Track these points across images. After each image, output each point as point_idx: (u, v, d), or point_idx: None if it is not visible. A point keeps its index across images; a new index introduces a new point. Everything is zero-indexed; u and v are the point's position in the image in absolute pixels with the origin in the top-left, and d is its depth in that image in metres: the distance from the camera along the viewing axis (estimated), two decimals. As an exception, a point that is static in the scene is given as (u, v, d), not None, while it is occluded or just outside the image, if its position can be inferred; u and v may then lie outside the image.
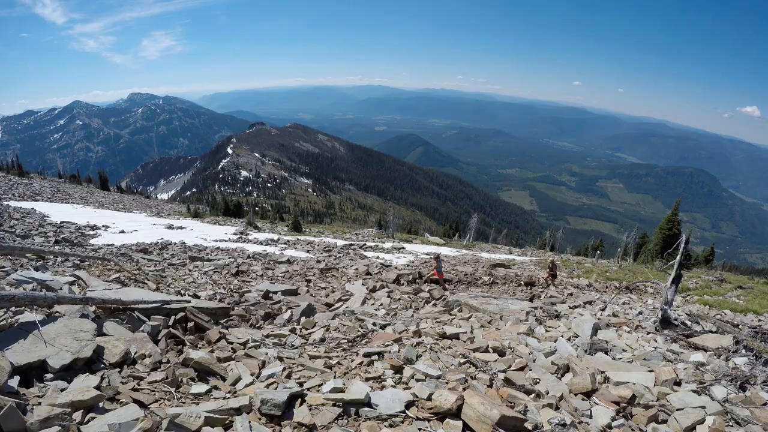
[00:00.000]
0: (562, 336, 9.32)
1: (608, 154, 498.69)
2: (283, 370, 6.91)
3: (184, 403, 5.60)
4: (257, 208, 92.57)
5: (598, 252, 44.48)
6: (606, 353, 8.35)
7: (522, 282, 18.88)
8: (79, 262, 14.65)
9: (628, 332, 10.13)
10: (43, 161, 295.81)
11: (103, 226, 31.48)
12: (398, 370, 7.16)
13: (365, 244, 34.33)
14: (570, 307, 13.38)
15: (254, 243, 30.40)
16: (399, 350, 8.14)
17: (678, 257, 10.78)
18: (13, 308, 6.97)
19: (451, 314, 12.03)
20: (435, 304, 13.83)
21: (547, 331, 10.06)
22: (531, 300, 14.96)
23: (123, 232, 29.67)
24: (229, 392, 6.14)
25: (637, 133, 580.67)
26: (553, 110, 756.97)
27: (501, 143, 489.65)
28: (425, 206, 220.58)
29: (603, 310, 13.22)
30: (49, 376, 5.75)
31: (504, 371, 7.29)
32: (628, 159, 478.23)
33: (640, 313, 13.03)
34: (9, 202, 38.48)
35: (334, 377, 6.69)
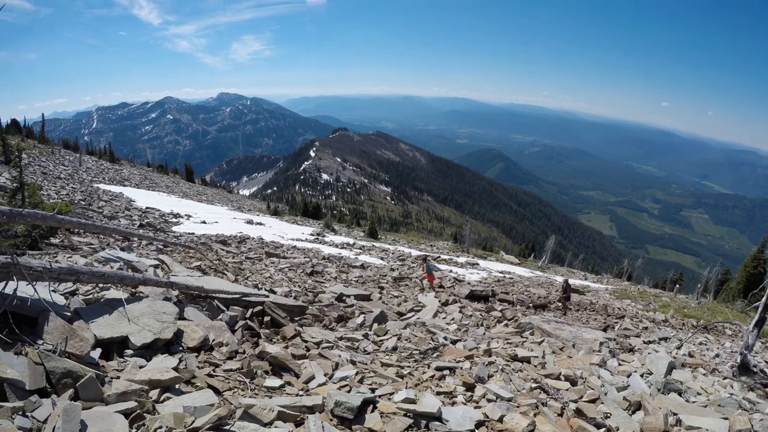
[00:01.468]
0: (635, 371, 8.96)
1: (694, 182, 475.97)
2: (356, 374, 6.91)
3: (257, 394, 5.64)
4: (335, 212, 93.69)
5: (677, 286, 42.57)
6: (680, 394, 7.97)
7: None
8: (162, 246, 15.09)
9: (704, 375, 9.61)
10: (134, 150, 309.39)
11: (185, 215, 32.48)
12: (470, 387, 7.07)
13: (439, 257, 34.13)
14: (644, 342, 12.83)
15: (330, 245, 30.66)
16: (471, 368, 8.06)
17: (763, 299, 10.09)
18: (101, 284, 7.20)
19: (522, 336, 11.77)
20: (507, 325, 13.53)
21: (620, 364, 9.69)
22: (605, 330, 14.42)
23: (204, 222, 30.47)
24: (302, 390, 6.16)
25: (725, 161, 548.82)
26: (639, 131, 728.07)
27: (583, 163, 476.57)
28: (502, 223, 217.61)
29: (679, 348, 12.60)
30: (129, 352, 5.91)
31: (575, 401, 7.10)
32: (714, 188, 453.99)
33: (717, 355, 12.41)
34: (99, 185, 40.30)
35: (406, 387, 6.63)
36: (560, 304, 18.19)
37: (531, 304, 17.81)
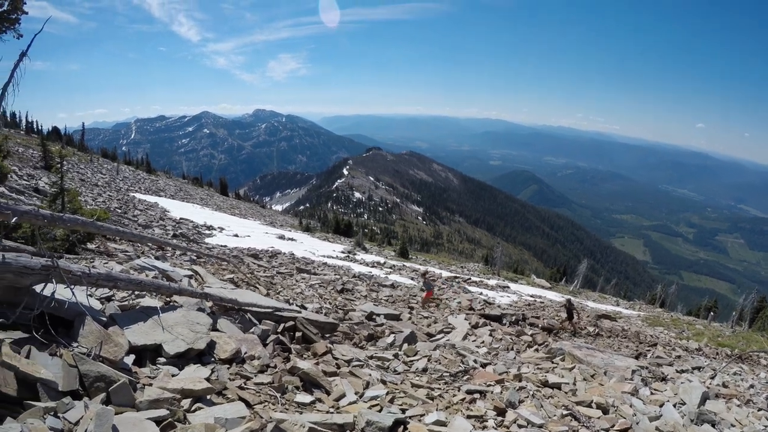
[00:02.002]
0: (668, 401, 8.79)
1: (730, 206, 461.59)
2: (387, 394, 6.85)
3: (287, 409, 5.62)
4: (366, 230, 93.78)
5: (711, 313, 41.55)
6: (713, 426, 7.83)
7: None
8: (195, 257, 15.25)
9: (738, 406, 9.39)
10: (170, 162, 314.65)
11: (218, 227, 32.82)
12: (501, 412, 7.00)
13: (470, 279, 33.87)
14: (677, 371, 12.54)
15: (360, 263, 30.68)
16: (501, 392, 7.96)
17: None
18: (136, 292, 7.27)
19: (553, 362, 11.57)
20: (537, 350, 13.34)
21: (652, 393, 9.51)
22: (637, 358, 14.14)
23: (236, 235, 30.75)
24: (332, 407, 6.13)
25: (762, 183, 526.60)
26: (674, 154, 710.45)
27: (617, 186, 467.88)
28: (534, 246, 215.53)
29: (712, 378, 12.29)
30: (162, 360, 5.95)
31: (607, 430, 7.02)
32: (751, 211, 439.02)
33: (752, 386, 12.06)
34: (135, 194, 40.99)
35: (437, 409, 6.55)
36: (571, 327, 17.81)
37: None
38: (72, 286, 5.55)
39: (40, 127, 74.45)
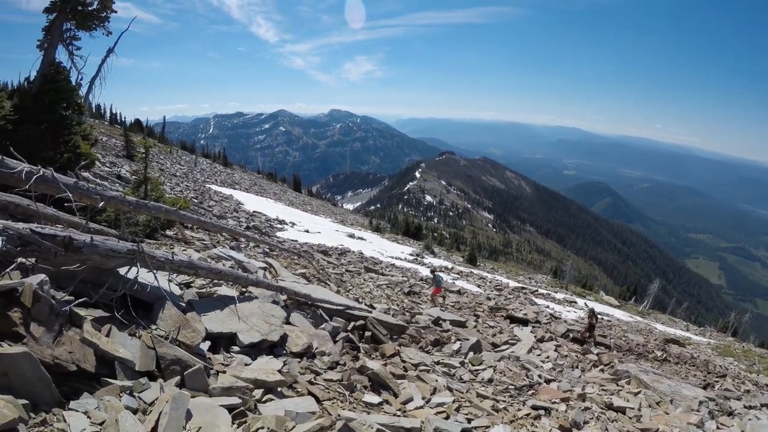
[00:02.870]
0: (734, 437, 8.39)
1: None
2: (453, 401, 6.82)
3: (355, 408, 5.64)
4: (435, 234, 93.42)
5: (786, 347, 39.38)
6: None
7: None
8: (268, 250, 15.48)
9: (808, 448, 8.86)
10: (246, 157, 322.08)
11: (290, 222, 33.30)
12: (566, 431, 6.88)
13: (537, 290, 33.23)
14: (745, 407, 11.95)
15: (428, 267, 30.55)
16: (567, 411, 7.89)
17: None
18: (215, 280, 7.43)
19: (618, 385, 11.36)
20: (603, 370, 13.08)
21: (718, 428, 9.22)
22: (704, 388, 13.56)
23: (307, 231, 31.12)
24: (399, 410, 6.13)
25: None
26: (757, 171, 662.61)
27: (694, 203, 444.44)
28: (604, 261, 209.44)
29: (781, 417, 11.62)
30: (235, 348, 6.08)
31: None
32: None
33: (825, 427, 11.34)
34: (211, 186, 42.12)
35: (502, 422, 6.50)
36: (592, 339, 17.21)
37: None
38: (155, 271, 5.70)
39: (123, 119, 77.58)
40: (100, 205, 7.23)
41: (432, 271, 19.33)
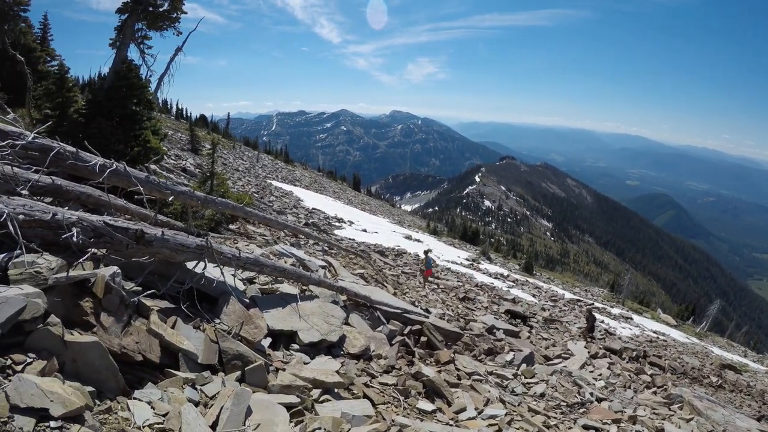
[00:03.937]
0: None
1: None
2: (506, 415, 6.73)
3: (408, 414, 5.62)
4: (492, 240, 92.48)
5: None
6: None
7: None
8: (327, 248, 15.60)
9: None
10: (307, 155, 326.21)
11: (348, 221, 33.50)
12: None
13: (593, 304, 32.54)
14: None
15: (483, 273, 30.30)
16: None
17: None
18: (279, 278, 7.54)
19: (670, 409, 10.99)
20: (655, 392, 12.69)
21: None
22: (759, 420, 13.02)
23: (365, 231, 31.23)
24: (452, 419, 6.10)
25: None
26: None
27: (762, 221, 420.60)
28: (664, 278, 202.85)
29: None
30: (295, 347, 6.17)
31: None
32: None
33: None
34: (272, 182, 42.73)
35: None
36: (589, 339, 17.27)
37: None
38: (222, 267, 5.83)
39: (188, 114, 79.89)
40: (170, 199, 7.44)
41: (425, 252, 19.21)
